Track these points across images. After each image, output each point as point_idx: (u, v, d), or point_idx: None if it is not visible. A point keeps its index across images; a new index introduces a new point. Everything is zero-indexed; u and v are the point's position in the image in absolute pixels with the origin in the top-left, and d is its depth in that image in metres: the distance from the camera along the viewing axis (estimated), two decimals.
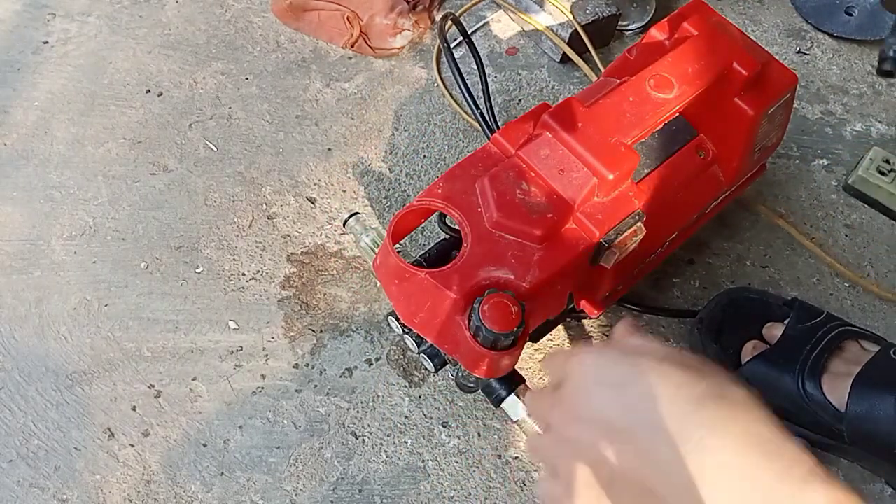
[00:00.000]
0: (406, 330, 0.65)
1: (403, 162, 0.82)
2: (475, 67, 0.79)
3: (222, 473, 0.67)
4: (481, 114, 0.76)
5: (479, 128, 0.79)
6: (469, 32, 0.85)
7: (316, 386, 0.70)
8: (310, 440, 0.68)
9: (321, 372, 0.71)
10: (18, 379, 0.71)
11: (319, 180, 0.82)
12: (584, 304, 0.63)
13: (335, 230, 0.78)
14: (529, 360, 0.71)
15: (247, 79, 0.89)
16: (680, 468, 0.36)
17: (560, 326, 0.72)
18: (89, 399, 0.70)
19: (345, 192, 0.81)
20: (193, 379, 0.71)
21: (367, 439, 0.68)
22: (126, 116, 0.86)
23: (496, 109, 0.83)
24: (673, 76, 0.57)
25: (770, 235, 0.77)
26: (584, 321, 0.73)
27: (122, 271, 0.76)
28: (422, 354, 0.61)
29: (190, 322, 0.74)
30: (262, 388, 0.71)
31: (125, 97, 0.88)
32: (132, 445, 0.68)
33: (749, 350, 0.66)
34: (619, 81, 0.58)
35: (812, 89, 0.87)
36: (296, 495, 0.66)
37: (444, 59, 0.89)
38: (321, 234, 0.78)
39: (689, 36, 0.61)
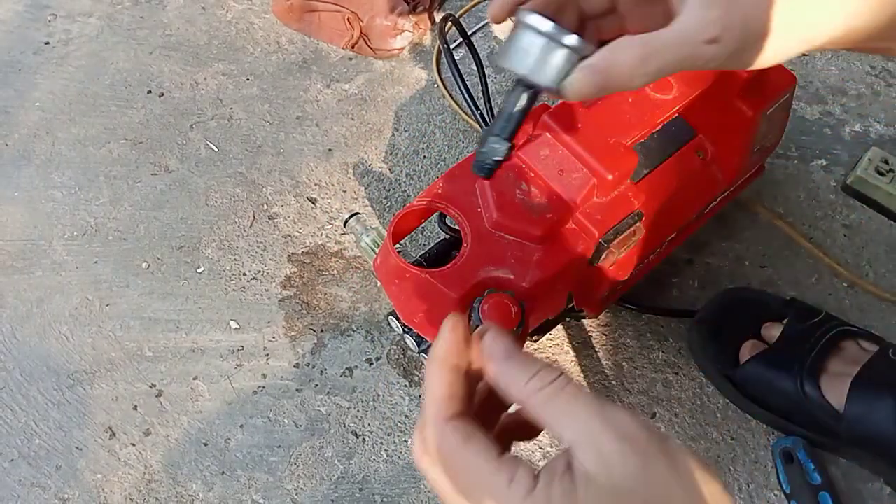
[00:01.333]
0: (406, 329, 0.65)
1: (403, 162, 0.82)
2: (475, 68, 0.79)
3: (223, 472, 0.67)
4: (481, 114, 0.76)
5: (479, 128, 0.79)
6: (469, 33, 0.85)
7: (316, 385, 0.71)
8: (310, 439, 0.68)
9: (322, 371, 0.71)
10: (20, 378, 0.71)
11: (320, 181, 0.82)
12: (583, 304, 0.64)
13: (336, 230, 0.79)
14: None
15: (247, 79, 0.89)
16: None
17: (560, 326, 0.72)
18: (91, 398, 0.70)
19: (345, 192, 0.81)
20: (194, 378, 0.71)
21: (367, 438, 0.68)
22: (127, 117, 0.87)
23: (496, 110, 0.84)
24: (672, 77, 0.58)
25: (769, 235, 0.78)
26: (584, 321, 0.73)
27: (123, 271, 0.77)
28: (422, 354, 0.62)
29: (191, 322, 0.74)
30: (263, 387, 0.71)
31: (126, 98, 0.88)
32: (133, 444, 0.68)
33: (747, 350, 0.67)
34: None
35: (811, 90, 0.87)
36: (296, 494, 0.66)
37: (444, 60, 0.89)
38: (322, 235, 0.78)
39: None
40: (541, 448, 0.67)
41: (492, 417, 0.36)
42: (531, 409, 0.32)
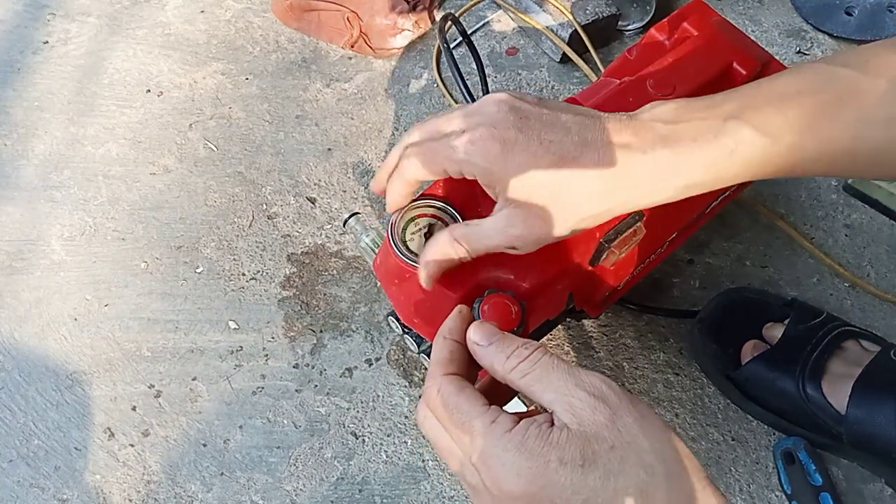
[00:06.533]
0: (406, 330, 0.65)
1: None
2: (475, 67, 0.79)
3: (222, 473, 0.67)
4: None
5: None
6: (469, 32, 0.85)
7: (316, 386, 0.70)
8: (310, 440, 0.68)
9: (321, 372, 0.71)
10: (18, 379, 0.71)
11: (319, 180, 0.82)
12: (584, 305, 0.63)
13: (335, 230, 0.78)
14: None
15: (247, 79, 0.89)
16: None
17: (560, 326, 0.72)
18: (89, 399, 0.70)
19: (345, 192, 0.81)
20: (193, 379, 0.71)
21: (367, 439, 0.68)
22: (126, 116, 0.86)
23: None
24: (673, 76, 0.57)
25: (770, 235, 0.77)
26: (584, 321, 0.73)
27: (122, 271, 0.77)
28: (422, 354, 0.61)
29: (190, 322, 0.74)
30: (263, 387, 0.71)
31: (125, 97, 0.88)
32: (132, 445, 0.68)
33: (749, 350, 0.66)
34: (619, 81, 0.58)
35: None
36: (296, 495, 0.66)
37: (443, 59, 0.89)
38: (321, 234, 0.78)
39: (689, 36, 0.61)
40: None
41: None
42: (513, 382, 0.37)
